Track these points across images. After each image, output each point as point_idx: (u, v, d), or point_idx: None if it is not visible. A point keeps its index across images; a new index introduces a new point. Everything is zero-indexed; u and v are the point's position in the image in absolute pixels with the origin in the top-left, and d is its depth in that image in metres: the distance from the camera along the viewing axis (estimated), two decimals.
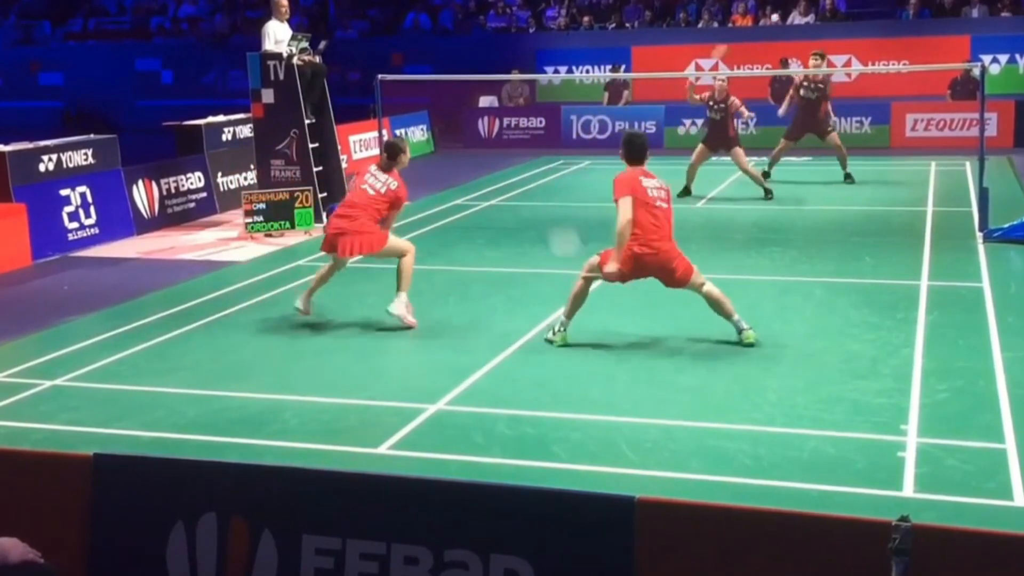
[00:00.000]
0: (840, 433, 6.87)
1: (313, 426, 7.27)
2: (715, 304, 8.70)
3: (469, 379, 8.08)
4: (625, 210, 8.40)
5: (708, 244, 12.92)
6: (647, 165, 8.94)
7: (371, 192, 9.52)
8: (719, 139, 15.97)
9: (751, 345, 8.56)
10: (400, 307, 9.33)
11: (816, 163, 19.38)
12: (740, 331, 8.63)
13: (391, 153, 9.79)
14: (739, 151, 15.86)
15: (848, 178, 16.96)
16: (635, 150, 8.87)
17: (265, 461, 6.13)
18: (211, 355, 8.97)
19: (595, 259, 8.75)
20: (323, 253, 9.74)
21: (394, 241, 9.64)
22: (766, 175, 16.95)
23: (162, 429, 7.23)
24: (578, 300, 8.82)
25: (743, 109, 16.08)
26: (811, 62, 17.46)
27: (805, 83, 16.56)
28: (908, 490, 6.04)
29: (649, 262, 8.54)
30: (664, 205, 8.59)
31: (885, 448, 6.64)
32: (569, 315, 8.82)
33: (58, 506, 5.04)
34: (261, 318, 10.05)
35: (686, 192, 15.96)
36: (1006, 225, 12.33)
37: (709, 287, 8.70)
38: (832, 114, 17.27)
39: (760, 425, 7.04)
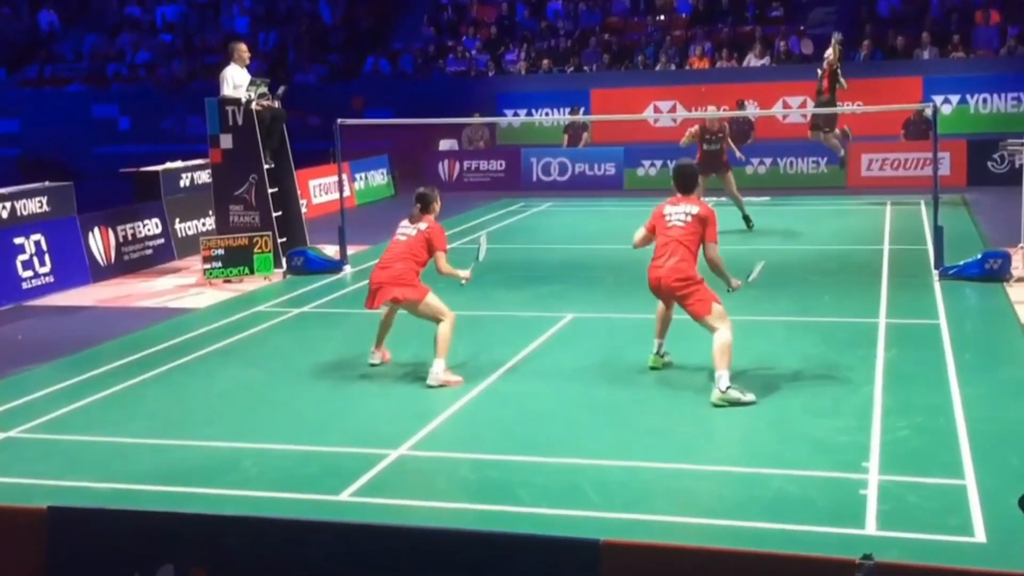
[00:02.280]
0: (803, 472, 6.88)
1: (273, 474, 7.19)
2: (714, 351, 8.34)
3: (431, 423, 8.02)
4: (636, 233, 8.91)
5: None
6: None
7: (403, 239, 9.35)
8: (713, 166, 16.29)
9: (716, 406, 8.14)
10: (438, 376, 8.90)
11: (775, 203, 19.58)
12: (714, 387, 8.23)
13: (424, 204, 9.45)
14: (730, 176, 16.54)
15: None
16: (679, 181, 8.89)
17: (224, 511, 6.04)
18: (169, 404, 8.86)
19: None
20: (368, 310, 9.49)
21: (434, 300, 9.22)
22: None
23: (119, 480, 7.10)
24: (664, 320, 9.08)
25: (735, 148, 16.81)
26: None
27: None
28: (871, 528, 6.05)
29: (653, 284, 8.73)
30: (679, 224, 8.58)
31: (847, 486, 6.65)
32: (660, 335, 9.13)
33: (12, 561, 4.93)
34: (220, 365, 9.95)
35: None
36: (961, 263, 12.47)
37: (718, 334, 8.36)
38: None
39: (724, 465, 7.04)
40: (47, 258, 13.65)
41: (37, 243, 13.55)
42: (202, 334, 11.15)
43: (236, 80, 14.56)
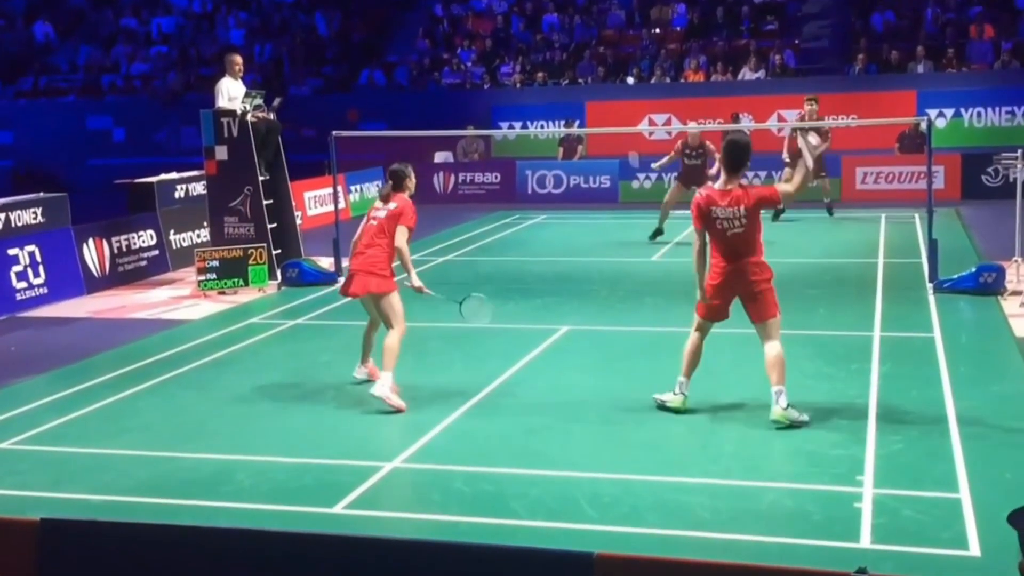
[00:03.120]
0: (797, 485, 6.87)
1: (267, 487, 7.16)
2: (767, 365, 8.18)
3: (426, 436, 8.01)
4: (696, 240, 8.20)
5: (665, 298, 12.98)
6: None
7: (375, 223, 9.04)
8: (695, 179, 16.17)
9: (777, 424, 7.93)
10: (384, 388, 8.60)
11: (769, 216, 19.58)
12: (773, 404, 7.98)
13: (396, 180, 9.14)
14: None
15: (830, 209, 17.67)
16: (735, 156, 8.51)
17: (218, 523, 6.02)
18: (163, 416, 8.84)
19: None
20: (346, 298, 9.31)
21: (397, 301, 8.99)
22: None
23: (112, 492, 7.08)
24: (694, 357, 8.45)
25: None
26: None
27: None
28: (865, 541, 6.04)
29: (726, 284, 8.18)
30: (739, 231, 8.07)
31: (842, 499, 6.64)
32: (687, 374, 8.41)
33: (3, 573, 4.91)
34: (214, 377, 9.93)
35: (658, 233, 16.51)
36: (955, 276, 12.49)
37: (772, 344, 8.18)
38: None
39: (718, 478, 7.03)
40: (41, 269, 13.63)
41: (31, 254, 13.52)
42: (196, 346, 11.13)
43: (231, 92, 14.57)
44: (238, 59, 14.88)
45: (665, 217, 16.73)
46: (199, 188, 16.41)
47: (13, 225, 13.80)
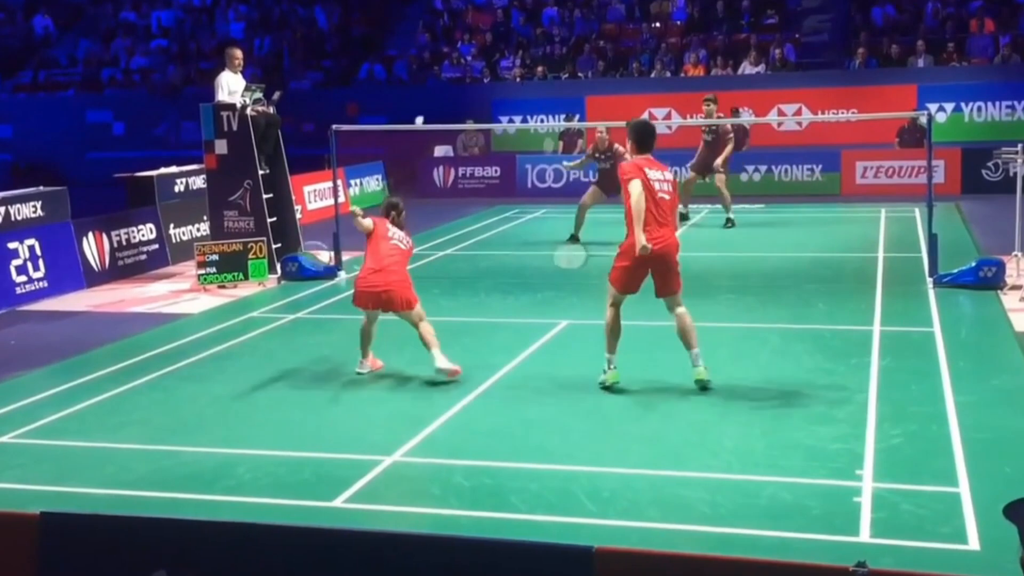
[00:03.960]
0: (797, 479, 6.88)
1: (267, 480, 7.17)
2: (681, 331, 8.76)
3: (425, 430, 8.01)
4: (635, 189, 8.37)
5: None
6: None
7: (403, 247, 9.54)
8: (608, 182, 16.01)
9: (701, 383, 8.63)
10: (444, 362, 9.16)
11: (769, 211, 19.61)
12: (695, 366, 8.69)
13: (399, 211, 9.76)
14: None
15: (729, 222, 17.57)
16: (645, 137, 8.76)
17: (218, 517, 6.03)
18: (162, 410, 8.84)
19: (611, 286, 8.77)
20: (364, 309, 9.50)
21: (419, 305, 9.57)
22: (684, 217, 17.54)
23: (112, 486, 7.09)
24: (614, 332, 8.76)
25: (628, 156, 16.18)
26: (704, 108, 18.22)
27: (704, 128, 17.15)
28: (865, 535, 6.04)
29: (660, 251, 8.46)
30: (667, 197, 8.54)
31: (841, 494, 6.65)
32: (612, 350, 8.77)
33: (3, 567, 4.91)
34: (214, 371, 9.94)
35: (574, 240, 16.17)
36: (955, 270, 12.49)
37: (683, 311, 8.76)
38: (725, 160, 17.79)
39: (717, 472, 7.04)
40: (41, 263, 13.63)
41: (31, 248, 13.53)
42: (196, 340, 11.13)
43: (231, 86, 14.56)
44: (238, 53, 14.86)
45: (580, 223, 16.26)
46: (199, 182, 16.40)
47: (13, 219, 13.80)
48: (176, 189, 16.70)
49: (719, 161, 17.72)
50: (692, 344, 8.76)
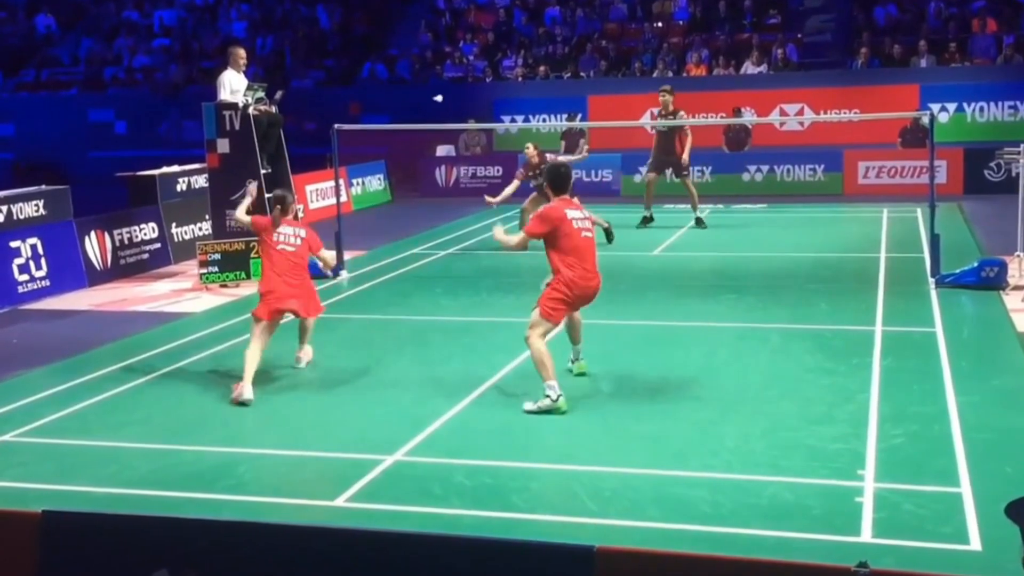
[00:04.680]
0: (798, 479, 6.88)
1: (268, 479, 7.17)
2: (572, 326, 9.16)
3: (427, 429, 8.01)
4: (524, 234, 8.69)
5: (665, 292, 12.99)
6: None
7: (291, 250, 9.40)
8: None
9: (581, 374, 9.17)
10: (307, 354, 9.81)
11: (771, 211, 19.60)
12: (575, 360, 9.27)
13: (284, 206, 9.62)
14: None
15: (699, 223, 17.46)
16: (560, 180, 8.86)
17: (219, 516, 6.03)
18: (164, 408, 8.84)
19: (535, 313, 8.52)
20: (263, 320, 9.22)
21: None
22: (648, 220, 17.66)
23: (113, 485, 7.09)
24: (549, 357, 8.50)
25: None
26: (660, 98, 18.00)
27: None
28: (866, 535, 6.04)
29: (589, 292, 8.64)
30: (589, 235, 8.73)
31: (843, 494, 6.65)
32: (551, 376, 8.38)
33: (5, 565, 4.92)
34: (215, 370, 9.94)
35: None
36: (957, 271, 12.48)
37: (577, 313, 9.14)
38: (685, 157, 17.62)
39: (718, 472, 7.04)
40: (43, 262, 13.63)
41: (33, 247, 13.53)
42: (198, 339, 11.13)
43: (233, 85, 14.56)
44: (242, 52, 14.86)
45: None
46: (201, 181, 16.40)
47: (15, 218, 13.80)
48: (178, 188, 16.70)
49: (686, 158, 17.66)
50: (576, 339, 9.28)
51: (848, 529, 6.11)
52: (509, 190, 16.28)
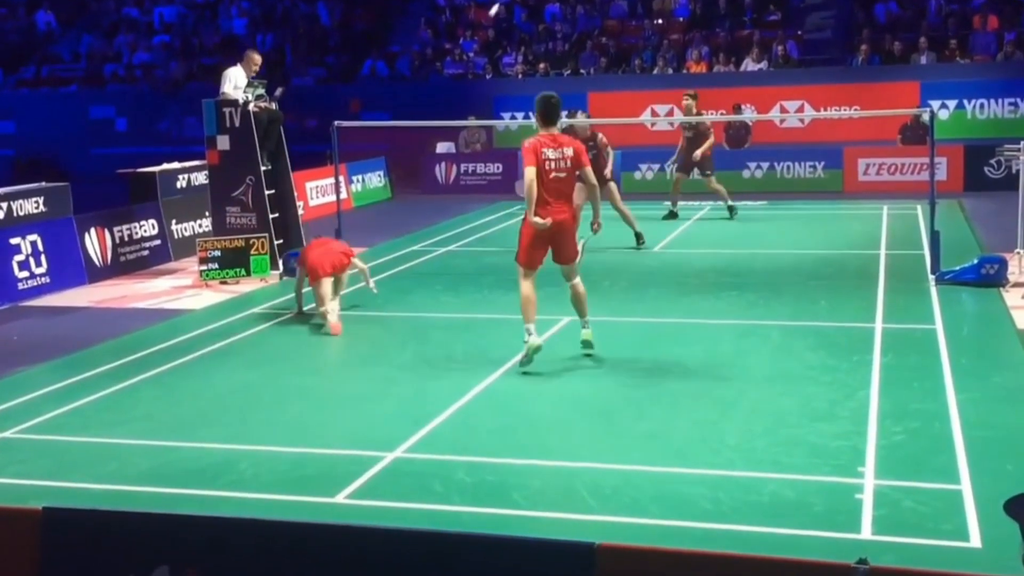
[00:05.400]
0: (799, 476, 6.88)
1: (269, 476, 7.17)
2: (575, 299, 9.55)
3: (428, 426, 8.01)
4: (528, 175, 9.10)
5: (666, 289, 12.99)
6: (558, 128, 9.55)
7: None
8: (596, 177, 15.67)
9: (585, 343, 9.47)
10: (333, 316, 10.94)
11: (771, 207, 19.59)
12: (583, 328, 9.56)
13: None
14: (612, 188, 15.65)
15: (731, 211, 17.81)
16: (548, 111, 9.37)
17: (220, 512, 6.03)
18: (164, 405, 8.84)
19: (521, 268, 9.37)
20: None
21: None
22: (673, 215, 17.90)
23: (114, 481, 7.09)
24: (530, 302, 9.34)
25: (610, 149, 15.96)
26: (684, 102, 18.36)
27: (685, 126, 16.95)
28: (866, 532, 6.05)
29: (547, 231, 9.14)
30: (563, 175, 9.09)
31: (843, 491, 6.65)
32: (531, 319, 9.28)
33: (5, 562, 4.92)
34: (216, 367, 9.94)
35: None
36: (957, 267, 12.48)
37: (578, 282, 9.50)
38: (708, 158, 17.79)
39: (719, 469, 7.04)
40: (43, 259, 13.63)
41: (33, 243, 13.53)
42: (198, 335, 11.14)
43: (237, 81, 14.54)
44: (258, 59, 14.73)
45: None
46: (201, 178, 16.40)
47: (15, 214, 13.81)
48: (178, 185, 16.70)
49: (697, 154, 17.78)
50: (583, 313, 9.58)
51: (848, 526, 6.12)
52: None
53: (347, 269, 11.46)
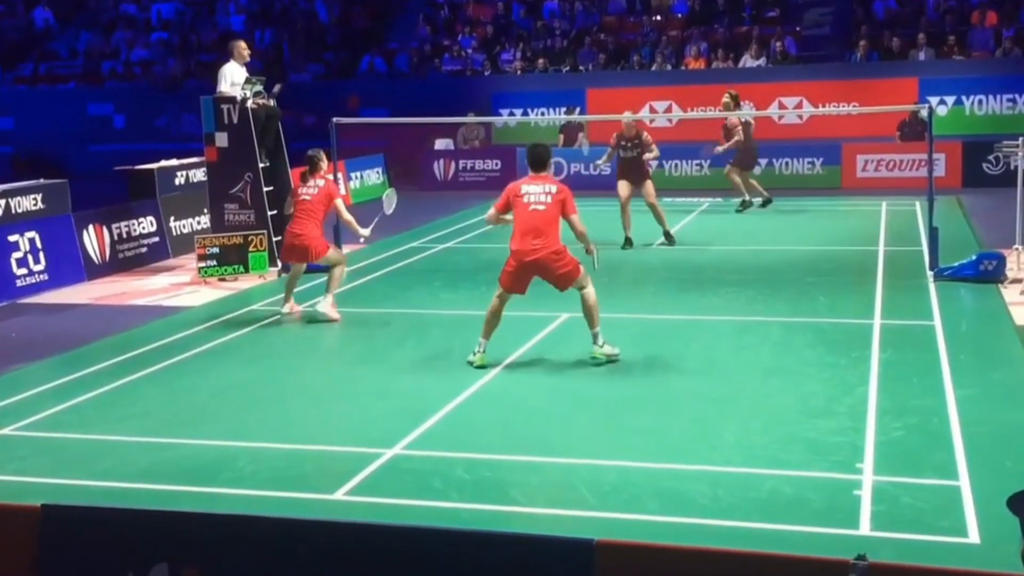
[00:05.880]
0: (797, 472, 6.88)
1: (267, 473, 7.17)
2: (586, 309, 9.30)
3: (426, 423, 8.01)
4: (490, 210, 9.54)
5: (665, 285, 13.00)
6: (550, 171, 9.60)
7: (307, 199, 11.27)
8: (633, 171, 15.62)
9: (596, 360, 9.21)
10: (327, 306, 11.12)
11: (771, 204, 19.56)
12: (595, 344, 9.29)
13: (312, 166, 11.60)
14: (649, 185, 15.62)
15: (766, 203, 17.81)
16: (531, 158, 9.48)
17: (218, 510, 6.03)
18: (163, 402, 8.84)
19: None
20: (283, 263, 11.39)
21: (333, 252, 11.55)
22: (763, 202, 18.34)
23: (112, 479, 7.09)
24: (493, 319, 9.35)
25: (654, 146, 15.91)
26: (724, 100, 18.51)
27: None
28: (865, 528, 6.05)
29: (524, 263, 9.14)
30: (540, 208, 9.14)
31: (842, 487, 6.65)
32: (486, 335, 9.32)
33: (4, 559, 4.92)
34: (214, 364, 9.94)
35: (628, 244, 15.41)
36: (955, 264, 12.49)
37: (589, 291, 9.28)
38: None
39: (718, 466, 7.04)
40: (41, 256, 13.62)
41: (31, 240, 13.52)
42: (196, 332, 11.13)
43: (235, 78, 14.53)
44: (244, 45, 14.82)
45: (628, 222, 15.39)
46: (199, 175, 16.39)
47: (13, 211, 13.79)
48: (176, 182, 16.68)
49: (719, 149, 18.40)
50: (591, 324, 9.32)
51: (847, 522, 6.12)
52: (605, 157, 16.69)
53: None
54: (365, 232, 11.47)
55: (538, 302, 12.07)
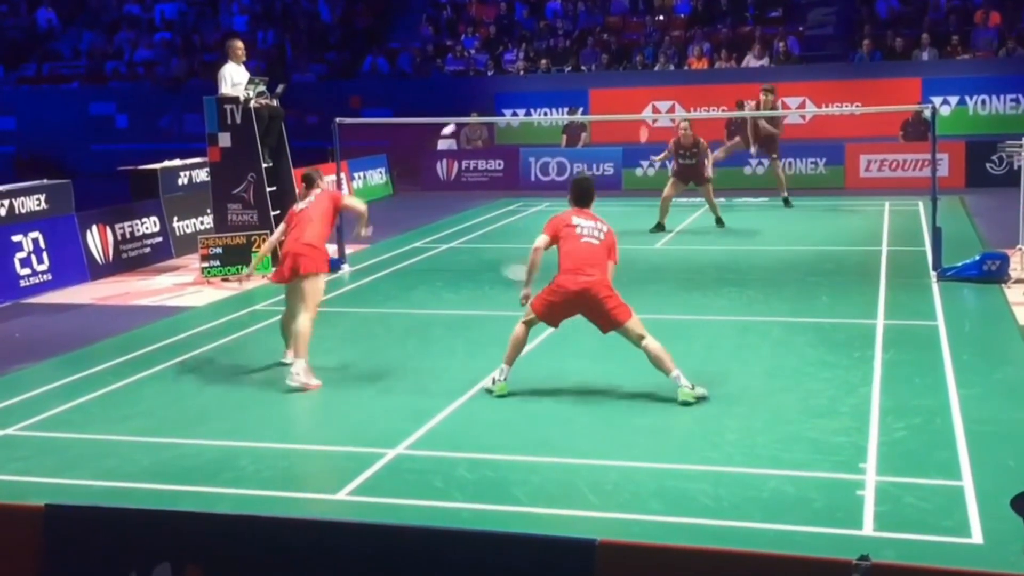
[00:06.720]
0: (799, 472, 6.88)
1: (270, 473, 7.18)
2: (654, 360, 8.38)
3: (428, 423, 8.02)
4: (536, 242, 8.63)
5: (667, 285, 12.99)
6: (593, 209, 8.88)
7: (305, 207, 9.54)
8: (691, 176, 16.78)
9: (686, 403, 8.17)
10: (300, 377, 8.91)
11: (773, 203, 19.57)
12: (678, 387, 8.26)
13: (308, 183, 9.91)
14: (709, 187, 16.85)
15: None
16: (577, 192, 8.99)
17: (221, 509, 6.04)
18: (166, 402, 8.85)
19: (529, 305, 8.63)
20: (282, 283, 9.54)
21: (320, 284, 9.43)
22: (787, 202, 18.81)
23: (115, 478, 7.10)
24: (517, 345, 8.69)
25: (711, 152, 17.17)
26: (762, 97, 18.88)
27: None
28: (868, 529, 6.05)
29: (572, 294, 8.43)
30: (594, 242, 8.54)
31: (844, 487, 6.65)
32: (509, 361, 8.67)
33: (8, 559, 4.93)
34: (217, 364, 9.95)
35: (659, 228, 16.57)
36: (959, 264, 12.48)
37: (648, 341, 8.38)
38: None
39: (720, 465, 7.04)
40: (45, 256, 13.64)
41: (35, 241, 13.54)
42: (200, 332, 11.14)
43: (234, 78, 14.55)
44: (240, 44, 14.86)
45: (665, 212, 16.73)
46: (202, 175, 16.40)
47: (17, 212, 13.80)
48: (180, 182, 16.69)
49: (753, 150, 18.94)
50: (668, 369, 8.34)
51: (849, 522, 6.12)
52: (664, 154, 17.48)
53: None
54: (368, 231, 11.04)
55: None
